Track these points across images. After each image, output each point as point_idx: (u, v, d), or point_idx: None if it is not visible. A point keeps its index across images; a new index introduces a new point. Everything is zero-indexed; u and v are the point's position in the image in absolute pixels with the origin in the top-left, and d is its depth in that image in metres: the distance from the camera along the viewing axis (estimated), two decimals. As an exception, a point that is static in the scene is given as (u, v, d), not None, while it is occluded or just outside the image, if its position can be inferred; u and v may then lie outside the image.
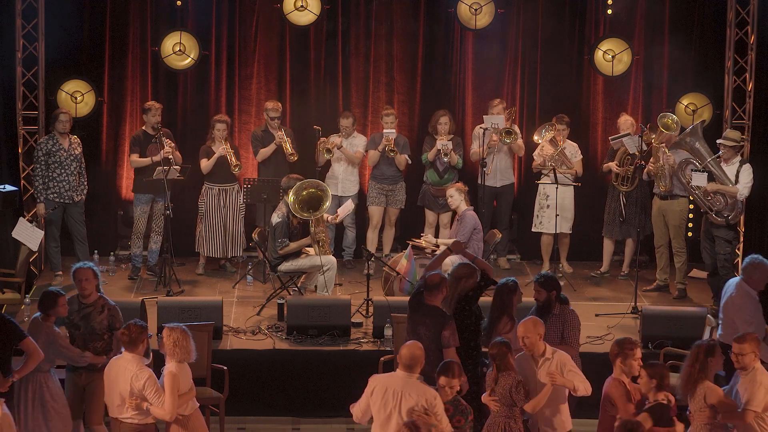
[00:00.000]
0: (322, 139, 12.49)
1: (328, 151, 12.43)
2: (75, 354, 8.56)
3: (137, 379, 7.75)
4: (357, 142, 12.74)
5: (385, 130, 12.51)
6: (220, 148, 12.22)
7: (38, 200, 11.90)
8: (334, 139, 12.57)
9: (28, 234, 11.20)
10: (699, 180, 11.34)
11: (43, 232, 11.42)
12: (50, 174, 11.83)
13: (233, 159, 12.25)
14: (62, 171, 11.84)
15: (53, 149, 11.81)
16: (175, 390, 7.75)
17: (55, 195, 11.87)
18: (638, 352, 7.72)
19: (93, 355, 8.60)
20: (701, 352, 7.62)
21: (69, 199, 11.91)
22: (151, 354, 9.41)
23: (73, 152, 11.92)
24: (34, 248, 11.48)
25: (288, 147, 12.35)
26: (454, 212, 11.79)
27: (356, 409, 7.52)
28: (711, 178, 11.29)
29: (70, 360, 8.62)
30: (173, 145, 12.06)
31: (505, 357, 7.79)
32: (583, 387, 7.92)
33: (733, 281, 9.36)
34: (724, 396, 7.60)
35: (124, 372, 7.80)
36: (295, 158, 12.33)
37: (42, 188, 11.83)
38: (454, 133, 12.71)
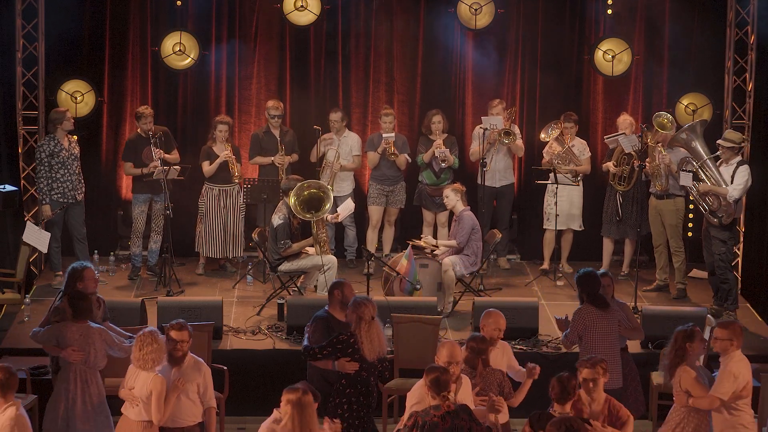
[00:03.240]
0: (324, 163, 12.47)
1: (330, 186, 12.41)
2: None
3: None
4: (350, 141, 12.72)
5: (384, 134, 12.51)
6: (224, 154, 12.18)
7: (43, 202, 11.86)
8: (332, 159, 12.49)
9: (36, 237, 11.21)
10: (685, 179, 11.39)
11: (49, 234, 11.41)
12: (53, 175, 11.80)
13: (235, 170, 12.25)
14: (65, 171, 11.83)
15: (56, 150, 11.80)
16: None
17: (59, 195, 11.85)
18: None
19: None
20: (680, 337, 7.85)
21: (72, 198, 11.91)
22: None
23: (73, 151, 11.92)
24: (44, 250, 11.47)
25: (281, 174, 12.32)
26: (452, 212, 11.78)
27: None
28: (696, 177, 11.31)
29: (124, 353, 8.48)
30: (160, 152, 11.98)
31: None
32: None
33: None
34: (695, 380, 7.74)
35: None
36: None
37: (46, 190, 11.81)
38: (447, 131, 12.70)
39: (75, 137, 12.09)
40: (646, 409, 9.30)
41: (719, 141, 11.33)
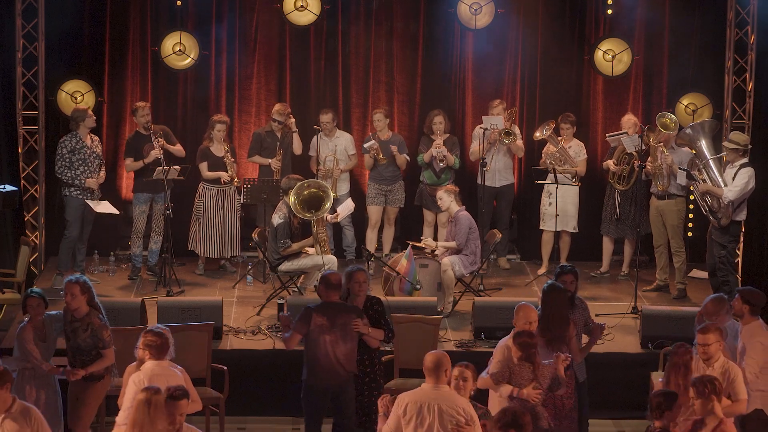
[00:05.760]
0: (318, 168, 12.45)
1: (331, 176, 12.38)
2: (37, 361, 8.56)
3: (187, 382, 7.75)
4: (342, 141, 12.71)
5: (364, 144, 12.52)
6: (224, 176, 12.17)
7: (65, 193, 11.81)
8: (330, 165, 12.47)
9: (102, 208, 11.74)
10: (680, 178, 11.41)
11: (107, 202, 11.86)
12: (73, 172, 11.79)
13: (235, 178, 12.25)
14: (86, 168, 11.82)
15: (77, 147, 11.78)
16: None
17: (79, 192, 11.85)
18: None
19: (50, 366, 8.60)
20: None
21: (90, 197, 11.91)
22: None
23: (95, 150, 11.92)
24: (117, 211, 12.00)
25: (277, 177, 12.32)
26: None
27: (386, 430, 7.22)
28: (691, 176, 11.32)
29: (33, 365, 8.62)
30: (162, 142, 12.01)
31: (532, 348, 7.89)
32: None
33: None
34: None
35: (176, 379, 7.68)
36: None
37: (72, 175, 11.74)
38: (449, 131, 12.71)
39: (96, 137, 12.09)
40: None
41: (724, 143, 11.35)
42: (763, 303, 8.65)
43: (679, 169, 11.52)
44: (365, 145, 12.53)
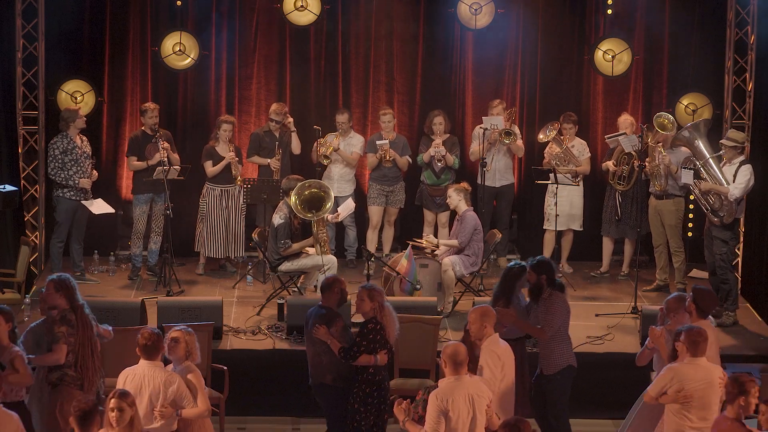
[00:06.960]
0: (319, 140, 12.46)
1: (326, 157, 12.40)
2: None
3: (170, 384, 7.58)
4: (354, 142, 12.73)
5: (378, 141, 12.52)
6: (229, 155, 12.17)
7: (59, 195, 11.83)
8: (332, 140, 12.54)
9: (97, 207, 11.76)
10: (686, 177, 11.40)
11: (100, 199, 11.91)
12: (66, 173, 11.80)
13: (238, 172, 12.25)
14: (78, 168, 11.83)
15: (68, 147, 11.80)
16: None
17: (72, 193, 11.85)
18: (757, 389, 7.13)
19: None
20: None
21: (83, 197, 11.91)
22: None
23: (85, 150, 11.93)
24: (112, 210, 12.06)
25: (276, 177, 12.33)
26: (454, 212, 11.78)
27: (430, 428, 7.12)
28: (698, 176, 11.32)
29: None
30: (167, 145, 12.02)
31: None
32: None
33: None
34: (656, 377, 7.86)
35: (153, 380, 7.55)
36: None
37: (66, 175, 11.76)
38: (450, 132, 12.71)
39: (85, 137, 12.10)
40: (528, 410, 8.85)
41: (722, 140, 11.36)
42: (712, 307, 8.60)
43: (683, 168, 11.49)
44: (378, 142, 12.50)
